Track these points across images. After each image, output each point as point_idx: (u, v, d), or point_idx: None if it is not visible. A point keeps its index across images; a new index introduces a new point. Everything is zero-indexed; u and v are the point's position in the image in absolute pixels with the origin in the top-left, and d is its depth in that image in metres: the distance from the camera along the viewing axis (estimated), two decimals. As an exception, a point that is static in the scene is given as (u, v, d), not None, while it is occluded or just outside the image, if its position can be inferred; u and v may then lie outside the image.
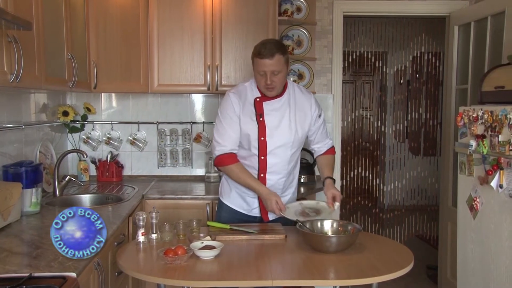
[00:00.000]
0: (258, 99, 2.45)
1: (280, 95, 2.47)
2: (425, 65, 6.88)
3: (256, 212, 2.56)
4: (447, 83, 3.89)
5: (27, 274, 1.59)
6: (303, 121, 2.51)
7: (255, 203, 2.54)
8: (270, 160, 2.47)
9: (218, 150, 2.44)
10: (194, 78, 3.38)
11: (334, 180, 2.55)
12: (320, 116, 2.58)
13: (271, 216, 2.55)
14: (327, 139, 2.68)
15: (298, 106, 2.50)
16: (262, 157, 2.47)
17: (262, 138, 2.44)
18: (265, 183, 2.48)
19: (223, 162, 2.44)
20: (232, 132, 2.44)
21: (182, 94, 3.72)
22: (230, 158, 2.43)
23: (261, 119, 2.44)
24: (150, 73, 3.35)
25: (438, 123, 6.72)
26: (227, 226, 2.34)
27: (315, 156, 2.72)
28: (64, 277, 1.61)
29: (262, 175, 2.49)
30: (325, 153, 2.67)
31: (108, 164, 3.61)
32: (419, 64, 6.91)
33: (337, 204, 2.43)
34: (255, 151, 2.46)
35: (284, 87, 2.49)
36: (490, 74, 2.75)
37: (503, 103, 2.50)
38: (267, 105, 2.45)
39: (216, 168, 3.13)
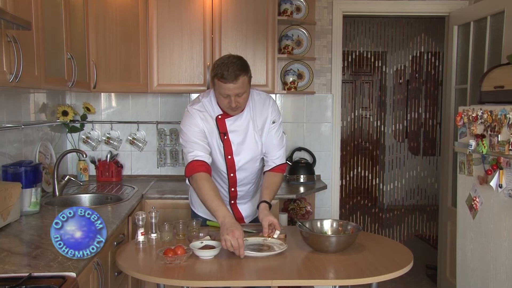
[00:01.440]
0: (219, 117, 2.32)
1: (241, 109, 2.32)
2: (425, 65, 6.88)
3: None
4: (447, 83, 3.90)
5: (27, 274, 1.59)
6: (263, 129, 2.38)
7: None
8: (239, 175, 2.40)
9: (191, 156, 2.25)
10: (194, 78, 3.38)
11: (270, 205, 2.30)
12: (274, 122, 2.38)
13: (246, 220, 2.54)
14: (278, 151, 2.41)
15: (258, 115, 2.37)
16: (232, 174, 2.40)
17: (229, 157, 2.35)
18: (236, 195, 2.45)
19: (194, 170, 2.22)
20: (202, 142, 2.28)
21: (181, 94, 3.72)
22: (201, 166, 2.23)
23: (225, 137, 2.32)
24: (149, 73, 3.35)
25: (437, 123, 6.72)
26: None
27: (264, 169, 2.46)
28: (64, 277, 1.61)
29: (232, 189, 2.44)
30: (273, 170, 2.41)
31: (108, 164, 3.61)
32: (418, 64, 6.91)
33: (277, 232, 2.19)
34: (224, 169, 2.38)
35: None
36: (489, 74, 2.75)
37: (502, 103, 2.50)
38: (229, 122, 2.33)
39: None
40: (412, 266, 2.02)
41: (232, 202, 2.51)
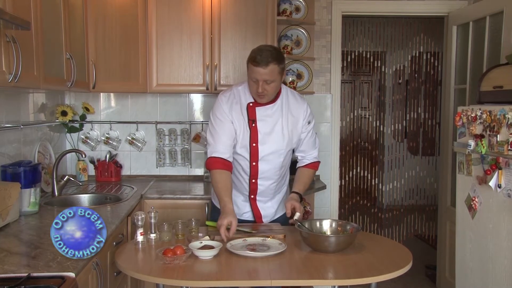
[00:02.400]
0: (251, 104, 2.41)
1: (273, 101, 2.41)
2: (424, 65, 6.88)
3: (247, 216, 2.53)
4: (446, 83, 3.90)
5: (26, 274, 1.58)
6: (295, 127, 2.45)
7: (246, 207, 2.53)
8: (261, 166, 2.44)
9: (210, 152, 2.39)
10: (193, 78, 3.38)
11: (300, 197, 2.45)
12: (309, 123, 2.49)
13: (265, 220, 2.55)
14: (313, 150, 2.55)
15: (291, 112, 2.44)
16: (254, 163, 2.44)
17: (254, 144, 2.40)
18: (256, 189, 2.48)
19: (211, 165, 2.37)
20: (225, 137, 2.38)
21: (180, 94, 3.72)
22: (217, 163, 2.35)
23: (253, 125, 2.40)
24: (149, 73, 3.35)
25: (436, 123, 6.72)
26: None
27: (297, 165, 2.59)
28: (63, 277, 1.61)
29: (253, 180, 2.47)
30: (307, 166, 2.55)
31: (107, 164, 3.61)
32: (417, 64, 6.91)
33: (297, 214, 2.32)
34: (247, 157, 2.43)
35: (278, 93, 2.42)
36: (488, 74, 2.75)
37: (501, 103, 2.50)
38: (259, 111, 2.41)
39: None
40: (411, 266, 2.02)
41: (252, 196, 2.50)
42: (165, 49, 3.35)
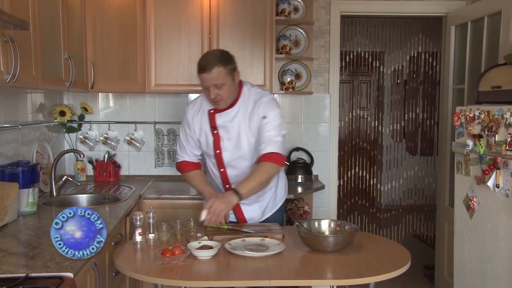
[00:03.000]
0: (211, 111, 2.40)
1: (232, 105, 2.36)
2: (422, 65, 6.89)
3: (231, 218, 2.49)
4: (444, 83, 3.90)
5: (24, 275, 1.58)
6: (255, 128, 2.35)
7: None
8: (230, 172, 2.44)
9: (177, 158, 2.57)
10: (192, 78, 3.38)
11: (238, 195, 2.22)
12: (265, 117, 2.32)
13: (247, 215, 2.51)
14: (265, 143, 2.31)
15: (252, 113, 2.35)
16: (222, 170, 2.46)
17: (218, 151, 2.41)
18: None
19: (181, 170, 2.55)
20: (188, 146, 2.50)
21: (179, 94, 3.72)
22: (186, 166, 2.52)
23: (215, 131, 2.40)
24: (147, 73, 3.35)
25: (435, 123, 6.73)
26: (225, 226, 2.34)
27: None
28: (61, 277, 1.61)
29: (227, 186, 2.47)
30: (259, 160, 2.33)
31: (105, 164, 3.60)
32: (416, 64, 6.92)
33: (203, 213, 2.20)
34: (215, 163, 2.46)
35: (238, 96, 2.37)
36: (486, 74, 2.75)
37: (499, 103, 2.50)
38: (219, 118, 2.38)
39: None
40: (410, 266, 2.02)
41: None
42: (164, 49, 3.35)
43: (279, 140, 2.33)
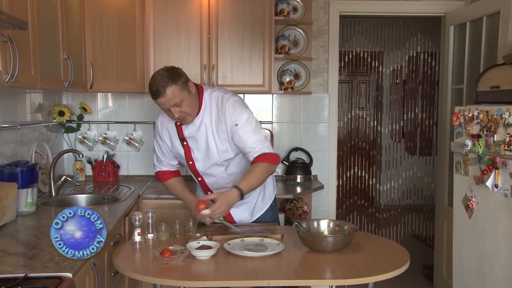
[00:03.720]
0: (178, 123, 2.38)
1: (195, 114, 2.32)
2: (421, 65, 6.89)
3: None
4: (443, 83, 3.91)
5: (23, 275, 1.58)
6: (225, 135, 2.31)
7: None
8: (207, 180, 2.45)
9: (155, 168, 2.59)
10: (191, 78, 3.30)
11: (241, 193, 2.21)
12: (237, 125, 2.27)
13: (236, 218, 2.49)
14: (255, 145, 2.28)
15: (218, 120, 2.30)
16: (199, 178, 2.46)
17: (191, 162, 2.41)
18: None
19: (160, 179, 2.58)
20: (163, 158, 2.52)
21: (178, 94, 3.71)
22: (164, 175, 2.55)
23: (184, 143, 2.39)
24: (146, 72, 3.35)
25: (434, 123, 6.73)
26: (235, 228, 2.33)
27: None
28: (60, 277, 1.60)
29: (209, 193, 2.44)
30: (253, 161, 2.29)
31: (104, 164, 3.60)
32: (415, 64, 6.92)
33: (206, 211, 2.19)
34: (192, 173, 2.47)
35: (200, 104, 2.31)
36: (485, 74, 2.76)
37: (498, 103, 2.51)
38: (186, 129, 2.36)
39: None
40: (409, 265, 2.02)
41: None
42: (163, 49, 3.35)
43: (263, 140, 2.30)
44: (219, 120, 2.30)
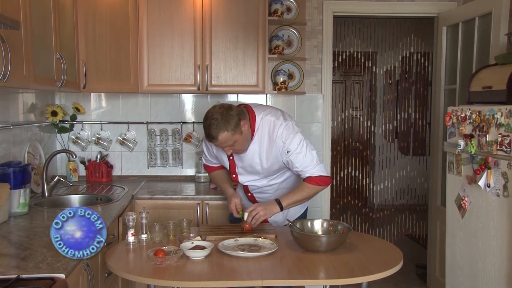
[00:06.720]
0: None
1: None
2: (414, 65, 6.92)
3: None
4: (436, 83, 3.93)
5: (15, 276, 1.57)
6: (275, 158, 2.43)
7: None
8: (250, 187, 2.60)
9: (203, 161, 2.79)
10: (184, 78, 3.37)
11: (281, 207, 2.37)
12: (288, 152, 2.38)
13: (270, 219, 2.56)
14: (306, 169, 2.40)
15: (269, 146, 2.41)
16: (243, 185, 2.62)
17: (234, 176, 2.57)
18: (255, 200, 2.61)
19: (206, 170, 2.79)
20: (210, 157, 2.69)
21: (172, 94, 3.71)
22: (210, 167, 2.74)
23: (231, 158, 2.52)
24: (139, 73, 3.34)
25: (427, 123, 6.77)
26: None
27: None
28: (53, 278, 1.60)
29: (249, 194, 2.64)
30: (304, 180, 2.44)
31: (98, 164, 3.59)
32: (408, 64, 6.95)
33: (245, 214, 2.34)
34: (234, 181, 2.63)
35: (253, 132, 2.40)
36: (478, 75, 2.78)
37: (490, 103, 2.52)
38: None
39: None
40: (402, 265, 2.03)
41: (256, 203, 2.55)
42: (156, 49, 3.34)
43: (315, 164, 2.39)
44: (270, 146, 2.41)
